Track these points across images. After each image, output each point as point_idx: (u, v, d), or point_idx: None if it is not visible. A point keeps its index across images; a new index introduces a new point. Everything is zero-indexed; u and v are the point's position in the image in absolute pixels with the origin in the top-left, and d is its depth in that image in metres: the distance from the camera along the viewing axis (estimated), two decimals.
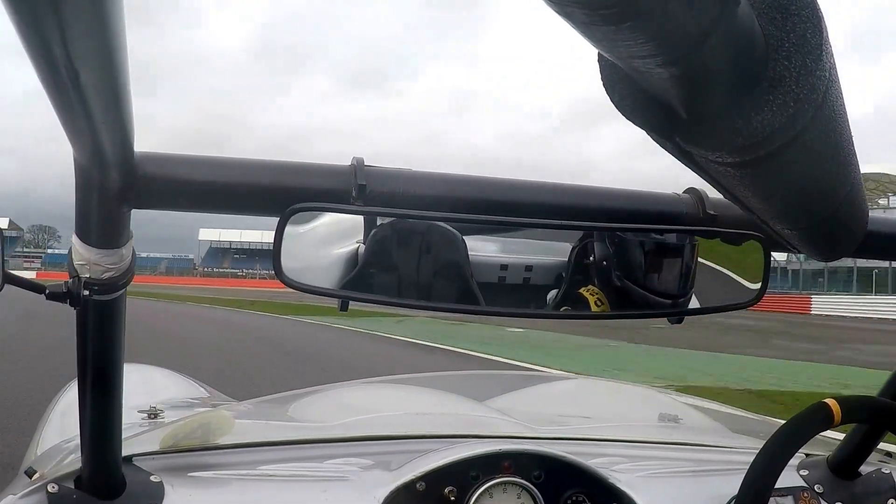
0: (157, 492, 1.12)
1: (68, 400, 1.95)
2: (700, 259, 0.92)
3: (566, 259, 0.91)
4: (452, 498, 1.22)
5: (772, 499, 1.14)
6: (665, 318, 0.93)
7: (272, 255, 0.77)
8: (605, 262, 0.90)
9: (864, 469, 1.38)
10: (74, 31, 0.45)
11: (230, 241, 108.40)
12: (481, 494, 1.22)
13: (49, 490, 1.06)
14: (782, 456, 1.11)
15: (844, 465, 1.38)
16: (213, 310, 28.00)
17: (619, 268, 0.90)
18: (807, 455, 1.43)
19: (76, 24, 0.45)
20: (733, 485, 1.15)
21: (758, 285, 0.90)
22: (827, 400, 1.13)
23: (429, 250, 0.84)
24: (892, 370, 1.26)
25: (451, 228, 0.85)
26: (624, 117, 0.53)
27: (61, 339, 9.90)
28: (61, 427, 1.72)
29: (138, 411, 1.63)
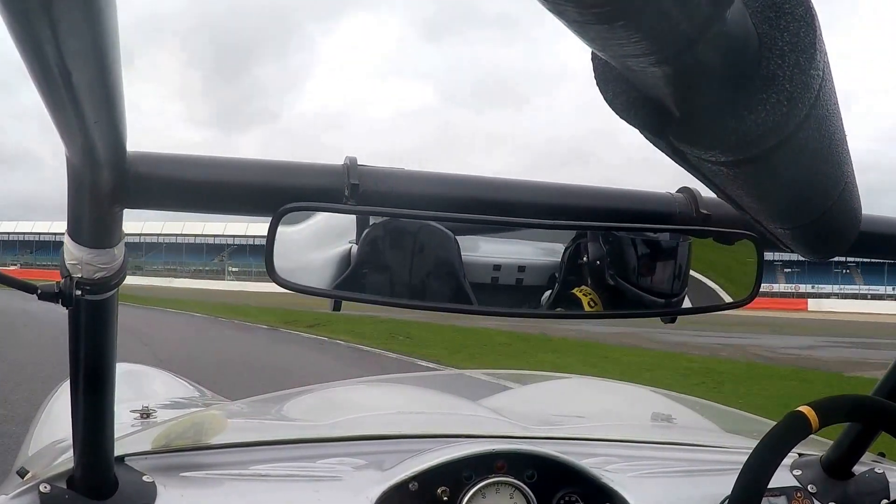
0: (150, 492, 1.12)
1: (61, 400, 1.94)
2: (694, 258, 0.92)
3: (559, 259, 0.91)
4: (445, 498, 1.22)
5: (765, 499, 1.14)
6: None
7: (264, 254, 0.77)
8: (598, 262, 0.90)
9: (858, 469, 1.39)
10: (66, 29, 0.45)
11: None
12: (474, 494, 1.22)
13: (41, 490, 1.06)
14: (766, 469, 1.10)
15: (838, 464, 1.38)
16: None
17: (612, 267, 0.90)
18: (800, 455, 1.43)
19: (68, 22, 0.45)
20: (726, 485, 1.15)
21: (751, 285, 0.90)
22: (801, 408, 1.12)
23: (422, 250, 0.84)
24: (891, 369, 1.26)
25: (443, 228, 0.84)
26: (617, 115, 0.53)
27: None
28: (54, 427, 1.71)
29: (131, 411, 1.62)
